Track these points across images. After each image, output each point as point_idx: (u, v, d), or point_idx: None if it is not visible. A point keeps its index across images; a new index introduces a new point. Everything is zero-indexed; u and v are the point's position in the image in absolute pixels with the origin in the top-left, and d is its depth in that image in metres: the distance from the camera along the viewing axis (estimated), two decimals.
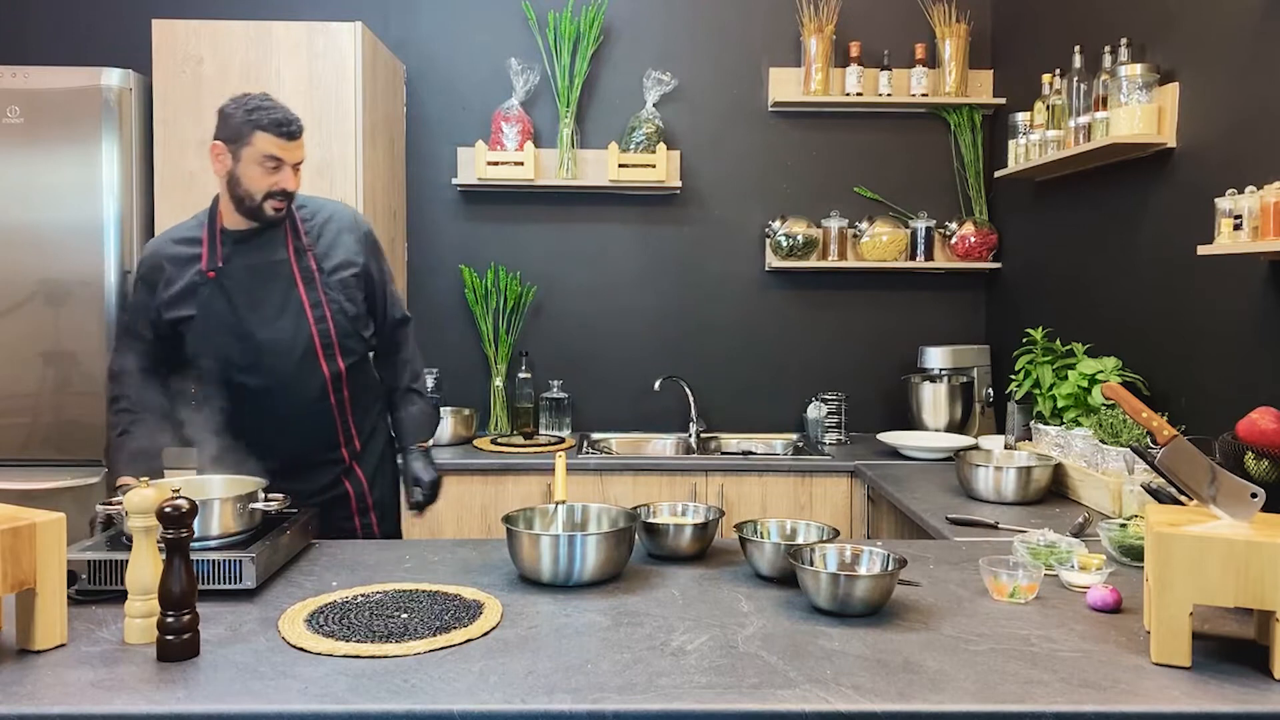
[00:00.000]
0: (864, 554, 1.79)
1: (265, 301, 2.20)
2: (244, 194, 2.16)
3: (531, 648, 1.49)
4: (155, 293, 2.21)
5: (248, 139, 2.12)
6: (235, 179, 2.15)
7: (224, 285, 2.18)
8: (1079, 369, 2.82)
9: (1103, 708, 1.30)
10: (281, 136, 2.13)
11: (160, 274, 2.21)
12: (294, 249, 2.23)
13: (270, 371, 2.21)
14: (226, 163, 2.15)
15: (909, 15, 3.94)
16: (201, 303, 2.18)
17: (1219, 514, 1.53)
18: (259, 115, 2.12)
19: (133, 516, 1.50)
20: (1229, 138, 2.49)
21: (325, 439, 2.32)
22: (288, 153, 2.15)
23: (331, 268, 2.26)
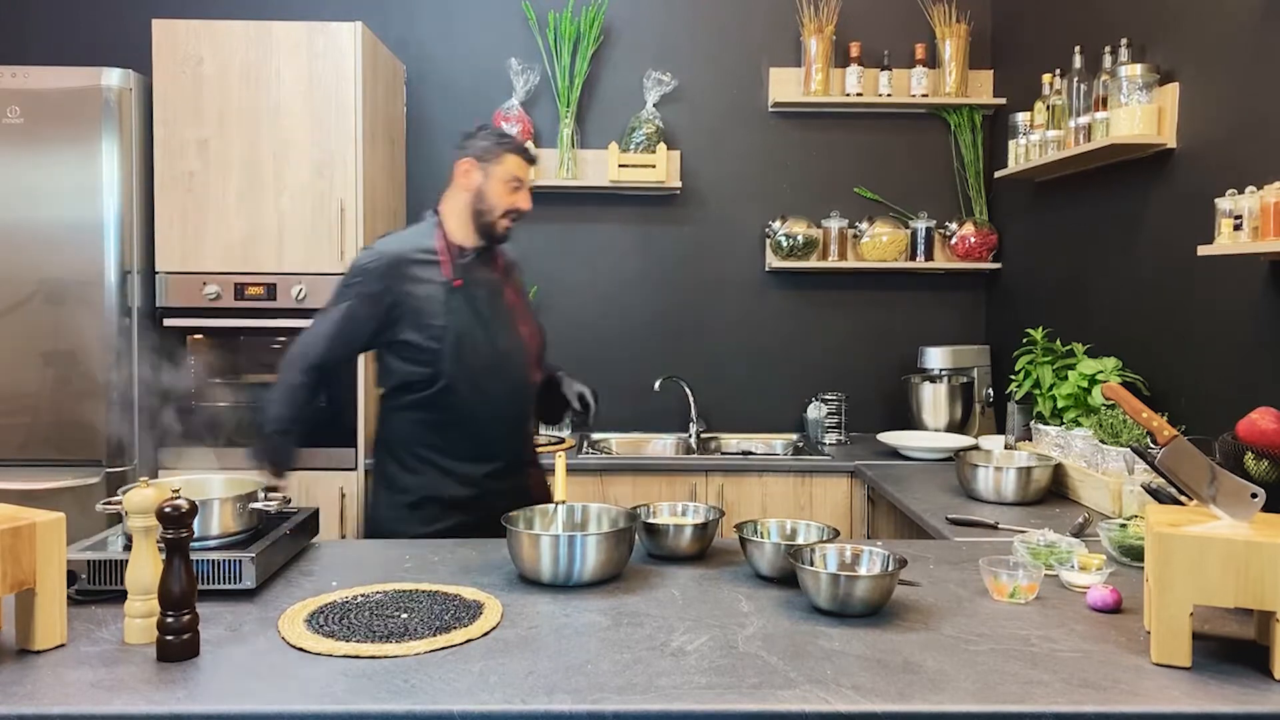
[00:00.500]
0: (864, 554, 1.79)
1: (496, 314, 2.40)
2: (486, 209, 2.38)
3: (531, 648, 1.49)
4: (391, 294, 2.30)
5: (498, 159, 2.37)
6: (481, 195, 2.38)
7: (468, 295, 2.35)
8: (1079, 369, 2.82)
9: (1103, 708, 1.30)
10: (527, 161, 2.42)
11: (402, 278, 2.31)
12: (502, 269, 2.49)
13: (505, 379, 2.39)
14: (476, 179, 2.38)
15: (909, 15, 3.94)
16: (450, 311, 2.32)
17: (1219, 514, 1.53)
18: (509, 140, 2.41)
19: (132, 516, 1.50)
20: (1229, 138, 2.49)
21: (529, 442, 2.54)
22: (528, 173, 2.42)
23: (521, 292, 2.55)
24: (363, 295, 2.31)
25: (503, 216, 2.39)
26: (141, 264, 3.31)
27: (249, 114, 3.28)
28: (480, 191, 2.38)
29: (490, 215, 2.38)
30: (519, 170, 2.39)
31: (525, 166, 2.42)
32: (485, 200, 2.38)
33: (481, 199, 2.38)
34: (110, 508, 1.72)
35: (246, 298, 3.31)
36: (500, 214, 2.38)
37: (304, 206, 3.30)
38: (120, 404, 3.25)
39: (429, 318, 2.30)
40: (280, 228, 3.31)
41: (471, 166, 2.39)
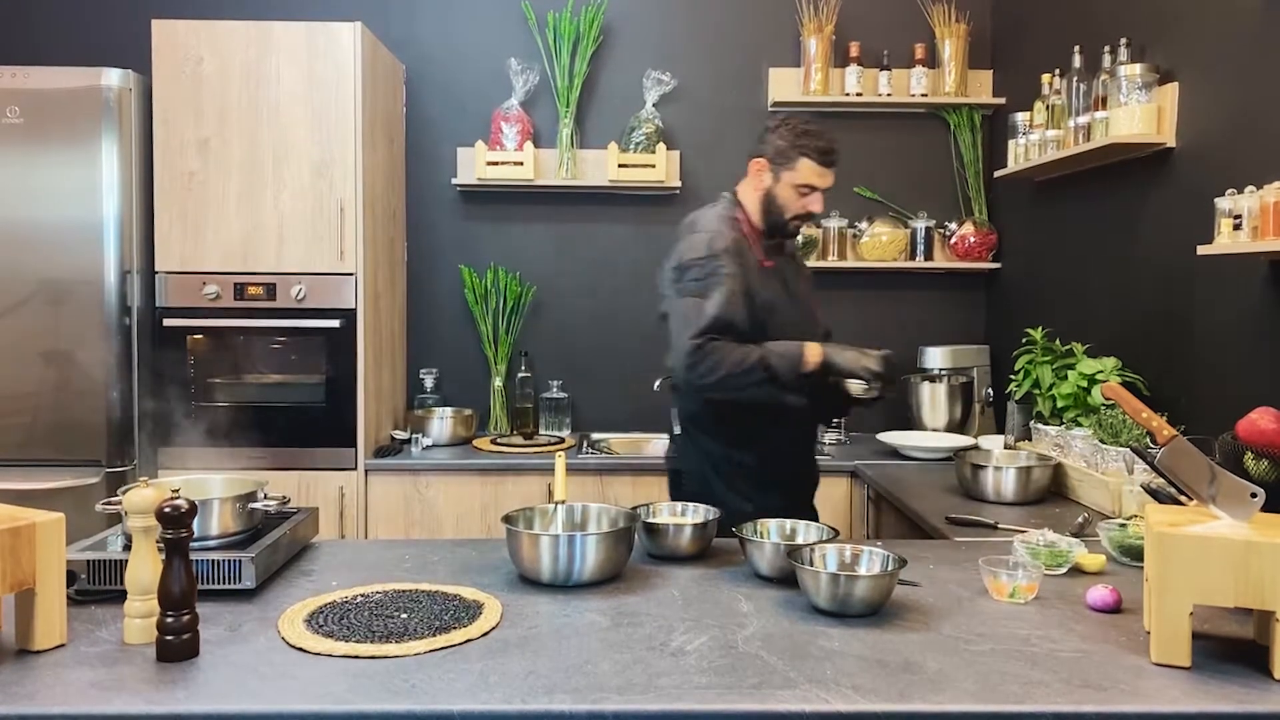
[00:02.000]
0: (864, 554, 1.79)
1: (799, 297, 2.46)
2: (776, 211, 2.37)
3: (531, 648, 1.49)
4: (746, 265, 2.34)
5: (792, 163, 2.33)
6: (771, 196, 2.37)
7: (776, 276, 2.40)
8: (1079, 369, 2.82)
9: (1103, 708, 1.30)
10: (824, 165, 2.32)
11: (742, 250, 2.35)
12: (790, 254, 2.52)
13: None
14: (767, 180, 2.36)
15: (909, 15, 3.94)
16: (761, 289, 2.35)
17: (1219, 514, 1.53)
18: (806, 141, 2.31)
19: (132, 516, 1.50)
20: (1229, 138, 2.49)
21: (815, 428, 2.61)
22: (825, 180, 2.34)
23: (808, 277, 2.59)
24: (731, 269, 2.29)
25: (793, 219, 2.38)
26: (141, 264, 3.31)
27: (249, 114, 3.28)
28: (770, 193, 2.36)
29: (780, 216, 2.37)
30: (813, 176, 2.33)
31: (820, 171, 2.34)
32: (775, 202, 2.37)
33: (771, 200, 2.37)
34: (110, 508, 1.72)
35: (246, 298, 3.31)
36: (790, 217, 2.37)
37: (304, 206, 3.30)
38: (120, 404, 3.25)
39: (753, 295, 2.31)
40: (280, 228, 3.30)
41: (763, 167, 2.36)
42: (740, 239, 2.37)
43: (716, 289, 2.26)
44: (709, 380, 2.24)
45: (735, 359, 2.22)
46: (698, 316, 2.24)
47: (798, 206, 2.36)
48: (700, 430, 2.46)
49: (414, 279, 3.94)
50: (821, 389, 2.37)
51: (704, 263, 2.29)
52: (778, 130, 2.36)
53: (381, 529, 3.36)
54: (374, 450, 3.43)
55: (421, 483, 3.38)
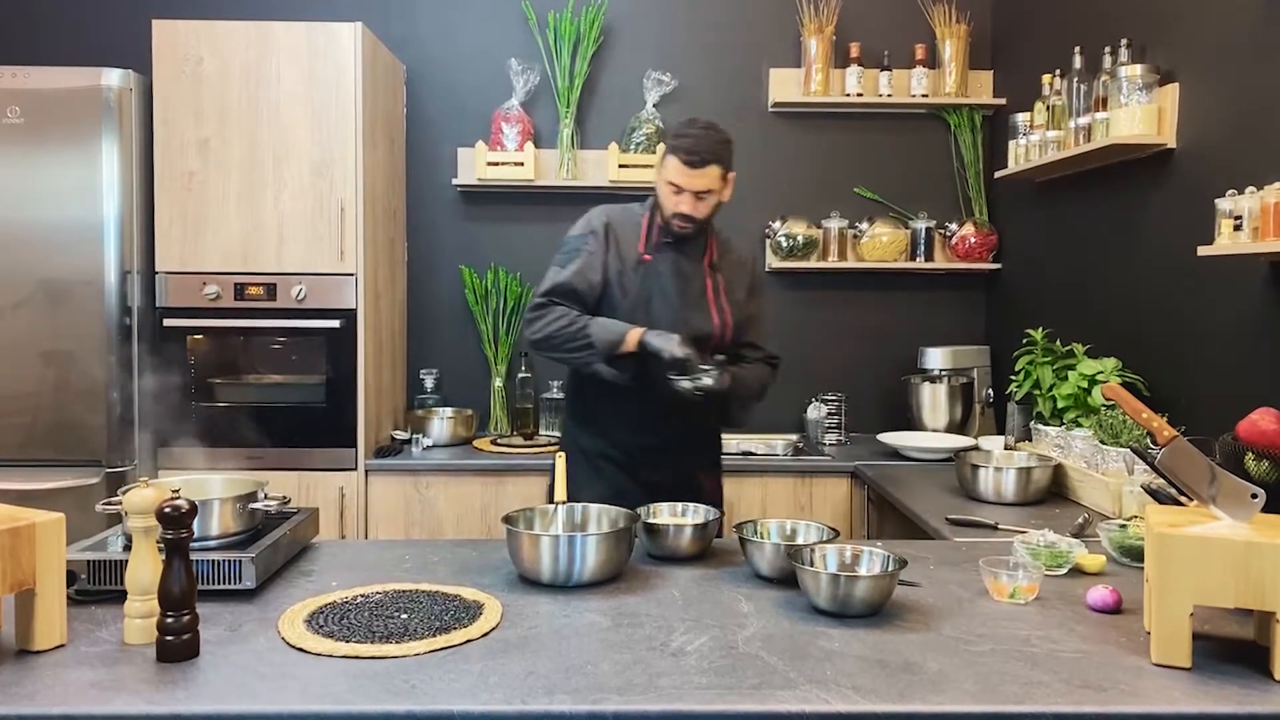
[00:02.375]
0: (864, 554, 1.79)
1: (685, 294, 2.43)
2: (659, 206, 2.42)
3: (531, 648, 1.49)
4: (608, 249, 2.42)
5: (665, 160, 2.37)
6: (658, 192, 2.42)
7: (657, 270, 2.41)
8: (1079, 369, 2.82)
9: (1103, 708, 1.30)
10: (688, 165, 2.32)
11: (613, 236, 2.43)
12: (709, 264, 2.47)
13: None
14: (655, 176, 2.43)
15: (909, 16, 3.94)
16: (640, 277, 2.41)
17: (1219, 514, 1.53)
18: (676, 141, 2.35)
19: (132, 516, 1.50)
20: (1229, 138, 2.49)
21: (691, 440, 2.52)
22: (687, 179, 2.33)
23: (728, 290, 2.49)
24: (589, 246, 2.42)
25: (673, 218, 2.38)
26: (141, 264, 3.31)
27: (249, 114, 3.28)
28: (657, 188, 2.42)
29: (665, 214, 2.41)
30: (678, 176, 2.34)
31: (686, 173, 2.32)
32: (658, 197, 2.42)
33: (656, 195, 2.43)
34: (110, 508, 1.72)
35: (246, 298, 3.31)
36: (670, 214, 2.38)
37: (304, 206, 3.30)
38: (120, 404, 3.25)
39: (618, 283, 2.40)
40: (280, 228, 3.30)
41: (658, 162, 2.43)
42: (623, 226, 2.45)
43: (572, 261, 2.41)
44: (537, 336, 2.38)
45: (564, 322, 2.34)
46: (549, 280, 2.41)
47: (670, 204, 2.37)
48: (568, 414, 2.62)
49: (414, 279, 3.94)
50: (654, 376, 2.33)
51: (575, 239, 2.45)
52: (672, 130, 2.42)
53: (382, 529, 3.36)
54: (374, 450, 3.43)
55: (422, 483, 3.38)
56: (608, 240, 2.44)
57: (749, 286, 2.55)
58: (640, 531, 1.97)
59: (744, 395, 2.48)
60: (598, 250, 2.42)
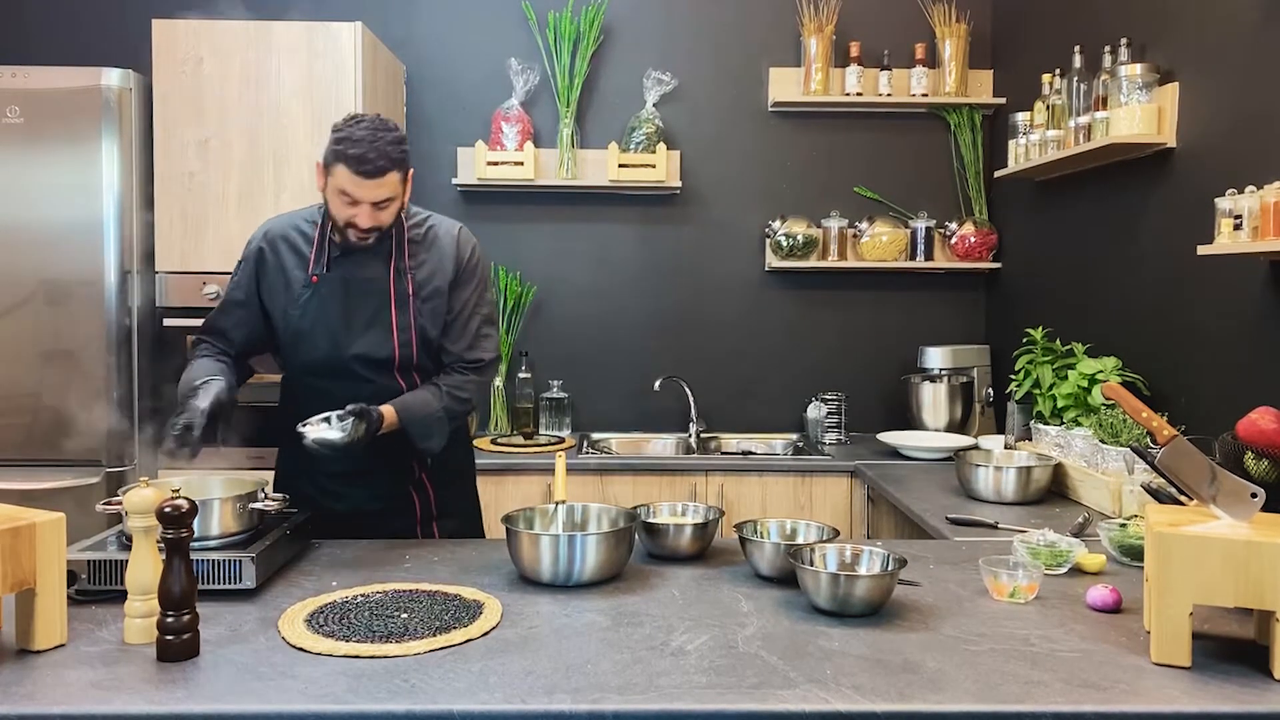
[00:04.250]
0: (864, 554, 1.79)
1: (357, 314, 2.17)
2: (330, 218, 2.13)
3: (531, 648, 1.49)
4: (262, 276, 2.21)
5: (332, 168, 2.06)
6: (325, 203, 2.14)
7: (323, 293, 2.17)
8: (1079, 369, 2.82)
9: (1103, 708, 1.30)
10: (358, 174, 2.03)
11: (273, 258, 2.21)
12: (394, 269, 2.19)
13: (351, 380, 2.18)
14: (321, 184, 2.12)
15: (909, 15, 3.94)
16: (302, 305, 2.18)
17: (1219, 514, 1.53)
18: (342, 146, 2.03)
19: (132, 516, 1.50)
20: (1229, 138, 2.49)
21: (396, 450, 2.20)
22: (363, 190, 2.04)
23: (426, 293, 2.21)
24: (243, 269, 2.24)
25: (346, 228, 2.09)
26: (141, 264, 3.31)
27: (249, 114, 3.28)
28: (324, 198, 2.12)
29: (337, 224, 2.11)
30: (347, 184, 2.03)
31: (357, 182, 2.02)
32: (328, 209, 2.12)
33: (326, 207, 2.13)
34: (110, 508, 1.72)
35: None
36: (342, 224, 2.09)
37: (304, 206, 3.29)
38: (120, 404, 3.25)
39: (284, 303, 2.19)
40: None
41: (319, 171, 2.10)
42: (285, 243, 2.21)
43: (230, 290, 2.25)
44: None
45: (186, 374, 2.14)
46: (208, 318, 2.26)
47: (344, 216, 2.07)
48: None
49: None
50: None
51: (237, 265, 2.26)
52: (333, 133, 2.08)
53: None
54: None
55: None
56: (261, 264, 2.19)
57: (456, 270, 2.23)
58: (640, 531, 1.97)
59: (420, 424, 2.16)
60: (245, 279, 2.21)
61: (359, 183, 2.03)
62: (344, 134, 2.04)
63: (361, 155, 2.01)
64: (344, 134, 2.04)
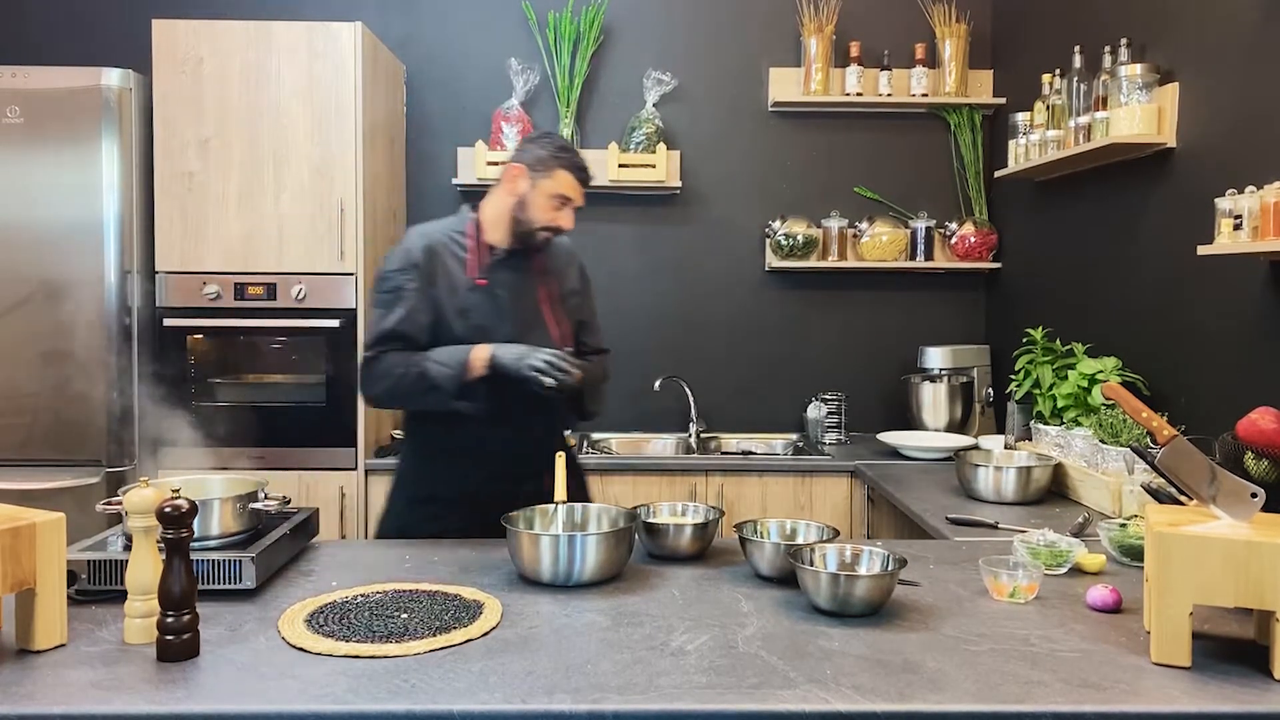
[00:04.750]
0: (864, 554, 1.79)
1: (519, 314, 2.35)
2: (525, 219, 2.33)
3: (531, 648, 1.49)
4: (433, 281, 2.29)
5: (549, 172, 2.32)
6: (524, 204, 2.32)
7: (490, 295, 2.32)
8: (1079, 369, 2.82)
9: (1103, 708, 1.30)
10: (579, 180, 2.35)
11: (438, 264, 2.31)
12: (540, 274, 2.41)
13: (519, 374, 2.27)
14: (522, 187, 2.32)
15: (909, 15, 3.94)
16: (473, 306, 2.30)
17: (1219, 514, 1.53)
18: (567, 156, 2.35)
19: (132, 516, 1.50)
20: (1229, 138, 2.49)
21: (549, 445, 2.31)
22: (577, 194, 2.36)
23: (563, 294, 2.45)
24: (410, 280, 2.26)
25: (541, 229, 2.34)
26: (141, 264, 3.31)
27: (249, 114, 3.28)
28: (524, 200, 2.32)
29: (528, 226, 2.33)
30: (568, 188, 2.33)
31: (576, 186, 2.35)
32: (526, 210, 2.32)
33: (523, 208, 2.33)
34: (110, 508, 1.72)
35: (246, 298, 3.31)
36: (538, 227, 2.33)
37: (304, 206, 3.30)
38: (120, 404, 3.26)
39: (452, 313, 2.28)
40: (280, 228, 3.31)
41: (520, 173, 2.33)
42: (444, 256, 2.32)
43: (399, 303, 2.27)
44: (376, 391, 2.27)
45: (399, 370, 2.22)
46: (374, 330, 2.28)
47: (549, 217, 2.32)
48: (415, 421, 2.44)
49: None
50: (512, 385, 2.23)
51: (392, 276, 2.29)
52: (538, 141, 2.37)
53: None
54: (374, 450, 3.43)
55: None
56: (432, 271, 2.30)
57: (579, 277, 2.52)
58: (640, 531, 1.97)
59: (595, 385, 2.48)
60: (421, 285, 2.28)
61: (577, 188, 2.36)
62: (558, 143, 2.37)
63: (583, 165, 2.38)
64: (558, 143, 2.37)
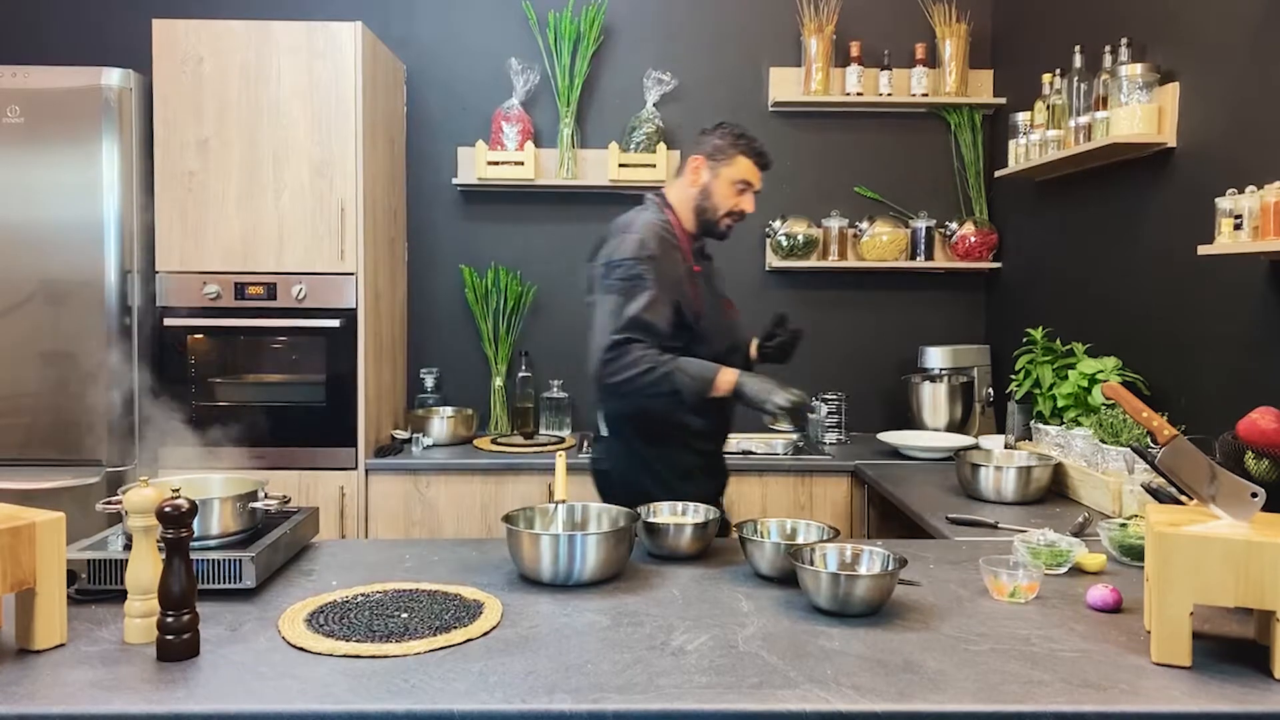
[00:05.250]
0: (864, 554, 1.79)
1: (718, 300, 2.53)
2: (710, 208, 2.44)
3: (531, 648, 1.49)
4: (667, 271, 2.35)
5: (730, 160, 2.42)
6: (707, 193, 2.44)
7: (705, 280, 2.48)
8: (1079, 369, 2.82)
9: (1103, 708, 1.30)
10: (759, 165, 2.44)
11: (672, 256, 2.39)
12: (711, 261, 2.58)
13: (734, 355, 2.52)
14: (704, 177, 2.44)
15: (909, 15, 3.94)
16: (698, 294, 2.42)
17: (1219, 514, 1.53)
18: (745, 142, 2.43)
19: (132, 516, 1.50)
20: (1229, 138, 2.49)
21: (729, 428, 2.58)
22: (758, 181, 2.46)
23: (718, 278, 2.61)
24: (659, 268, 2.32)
25: (725, 216, 2.44)
26: (141, 264, 3.31)
27: (249, 114, 3.28)
28: (706, 189, 2.43)
29: (713, 214, 2.44)
30: (749, 174, 2.43)
31: (756, 171, 2.44)
32: (710, 199, 2.43)
33: (707, 197, 2.43)
34: (110, 508, 1.72)
35: (246, 298, 3.31)
36: (723, 214, 2.43)
37: (304, 206, 3.30)
38: (120, 404, 3.25)
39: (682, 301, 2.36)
40: (280, 228, 3.31)
41: (701, 164, 2.43)
42: (672, 243, 2.41)
43: (641, 291, 2.28)
44: (617, 379, 2.27)
45: (647, 365, 2.24)
46: (618, 316, 2.28)
47: (732, 203, 2.43)
48: (631, 431, 2.47)
49: (414, 279, 3.94)
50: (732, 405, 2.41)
51: (631, 264, 2.31)
52: (716, 131, 2.46)
53: (382, 529, 3.36)
54: (374, 450, 3.43)
55: (422, 482, 3.38)
56: (663, 260, 2.36)
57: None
58: (640, 531, 1.97)
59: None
60: (656, 275, 2.32)
61: (758, 171, 2.45)
62: (735, 131, 2.44)
63: (762, 149, 2.45)
64: (735, 131, 2.44)
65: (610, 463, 2.53)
